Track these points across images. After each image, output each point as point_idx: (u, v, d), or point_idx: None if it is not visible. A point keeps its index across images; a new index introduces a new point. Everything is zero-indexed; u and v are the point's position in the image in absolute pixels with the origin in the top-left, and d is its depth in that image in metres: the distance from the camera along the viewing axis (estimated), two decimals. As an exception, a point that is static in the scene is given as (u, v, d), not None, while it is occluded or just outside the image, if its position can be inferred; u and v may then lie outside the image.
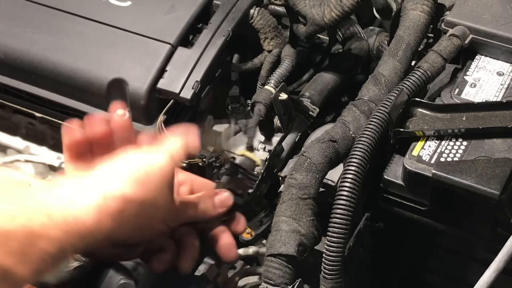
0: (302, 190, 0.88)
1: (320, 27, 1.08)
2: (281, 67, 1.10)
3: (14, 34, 1.08)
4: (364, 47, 1.24)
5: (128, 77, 1.03)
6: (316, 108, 1.14)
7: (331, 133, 0.93)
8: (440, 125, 0.90)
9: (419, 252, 1.03)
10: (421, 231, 0.94)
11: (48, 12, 1.10)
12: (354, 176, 0.85)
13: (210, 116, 1.12)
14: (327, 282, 0.86)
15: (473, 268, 0.95)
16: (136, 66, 1.04)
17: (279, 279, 0.84)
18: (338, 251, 0.84)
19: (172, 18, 1.07)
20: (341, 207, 0.84)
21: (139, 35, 1.06)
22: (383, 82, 0.98)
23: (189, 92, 1.03)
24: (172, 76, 1.04)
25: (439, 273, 1.05)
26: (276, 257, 0.85)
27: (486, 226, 0.88)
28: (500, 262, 0.78)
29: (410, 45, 1.00)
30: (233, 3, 1.10)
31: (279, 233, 0.86)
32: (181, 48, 1.05)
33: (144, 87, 1.02)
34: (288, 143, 1.10)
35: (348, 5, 1.04)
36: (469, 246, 0.95)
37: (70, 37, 1.07)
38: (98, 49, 1.06)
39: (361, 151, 0.86)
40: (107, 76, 1.03)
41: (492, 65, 0.98)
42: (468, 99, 0.94)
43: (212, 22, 1.08)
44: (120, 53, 1.05)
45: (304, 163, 0.89)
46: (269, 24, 1.11)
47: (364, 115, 0.95)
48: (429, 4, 1.02)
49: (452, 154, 0.88)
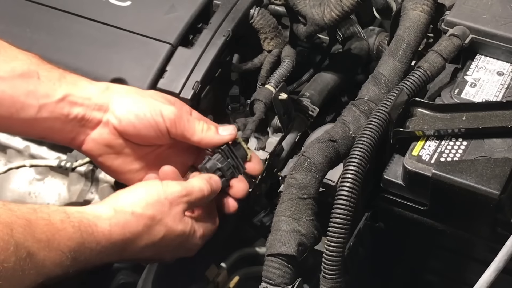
0: (302, 190, 0.88)
1: (320, 27, 1.08)
2: (282, 67, 1.10)
3: (14, 34, 1.08)
4: (364, 47, 1.24)
5: (128, 77, 1.03)
6: (316, 108, 1.14)
7: (331, 133, 0.93)
8: (440, 125, 0.90)
9: (419, 252, 1.03)
10: (421, 231, 0.94)
11: (48, 12, 1.10)
12: (354, 176, 0.85)
13: (210, 116, 1.12)
14: (327, 282, 0.86)
15: (473, 268, 0.95)
16: (136, 66, 1.04)
17: (279, 279, 0.84)
18: (338, 251, 0.84)
19: (172, 18, 1.07)
20: (341, 207, 0.84)
21: (139, 35, 1.06)
22: (383, 82, 0.98)
23: (189, 92, 1.03)
24: (172, 76, 1.04)
25: (439, 273, 1.05)
26: (276, 257, 0.85)
27: (486, 226, 0.88)
28: (500, 262, 0.78)
29: (410, 45, 1.00)
30: (233, 3, 1.10)
31: (279, 233, 0.86)
32: (181, 48, 1.05)
33: (144, 87, 1.02)
34: (288, 143, 1.10)
35: (348, 5, 1.04)
36: (469, 246, 0.95)
37: (70, 37, 1.07)
38: (98, 49, 1.06)
39: (361, 151, 0.86)
40: (107, 76, 1.03)
41: (492, 65, 0.98)
42: (468, 99, 0.94)
43: (212, 22, 1.08)
44: (120, 53, 1.05)
45: (304, 163, 0.89)
46: (269, 24, 1.11)
47: (364, 115, 0.95)
48: (429, 4, 1.02)
49: (452, 154, 0.88)
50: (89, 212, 0.84)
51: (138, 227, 0.86)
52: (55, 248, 0.77)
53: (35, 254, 0.75)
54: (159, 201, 0.88)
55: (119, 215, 0.85)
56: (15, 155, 1.13)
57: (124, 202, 0.87)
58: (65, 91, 0.90)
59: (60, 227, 0.79)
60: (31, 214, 0.77)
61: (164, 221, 0.88)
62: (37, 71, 0.90)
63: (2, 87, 0.87)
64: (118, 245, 0.84)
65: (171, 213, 0.88)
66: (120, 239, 0.84)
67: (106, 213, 0.84)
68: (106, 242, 0.83)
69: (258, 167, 1.00)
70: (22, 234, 0.74)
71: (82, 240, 0.80)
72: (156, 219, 0.87)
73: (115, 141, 0.93)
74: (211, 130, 0.96)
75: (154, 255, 0.91)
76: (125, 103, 0.93)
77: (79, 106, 0.91)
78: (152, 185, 0.90)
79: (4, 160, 1.13)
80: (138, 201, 0.87)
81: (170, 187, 0.90)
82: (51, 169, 1.11)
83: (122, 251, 0.85)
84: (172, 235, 0.89)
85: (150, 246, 0.88)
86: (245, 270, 1.03)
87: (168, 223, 0.88)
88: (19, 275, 0.73)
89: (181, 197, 0.90)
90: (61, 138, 0.93)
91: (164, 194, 0.89)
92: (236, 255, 1.04)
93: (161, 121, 0.92)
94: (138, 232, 0.86)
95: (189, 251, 0.94)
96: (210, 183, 0.93)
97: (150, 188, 0.89)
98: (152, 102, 0.93)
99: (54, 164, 1.09)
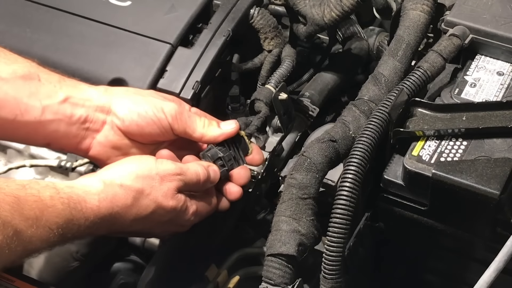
0: (302, 190, 0.88)
1: (320, 27, 1.08)
2: (282, 67, 1.10)
3: (14, 34, 1.08)
4: (364, 47, 1.24)
5: (128, 77, 1.03)
6: (316, 108, 1.14)
7: (331, 133, 0.93)
8: (440, 125, 0.90)
9: (419, 252, 1.03)
10: (421, 231, 0.94)
11: (48, 12, 1.09)
12: (354, 176, 0.85)
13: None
14: (327, 282, 0.86)
15: (473, 268, 0.95)
16: (136, 66, 1.04)
17: (279, 279, 0.84)
18: (338, 251, 0.84)
19: (172, 18, 1.07)
20: (341, 207, 0.84)
21: (139, 35, 1.06)
22: (383, 82, 0.98)
23: (189, 92, 1.03)
24: (172, 76, 1.04)
25: (439, 273, 1.05)
26: (276, 257, 0.85)
27: (486, 226, 0.88)
28: (500, 262, 0.78)
29: (410, 45, 1.00)
30: (233, 3, 1.10)
31: (279, 233, 0.86)
32: (181, 48, 1.05)
33: (144, 87, 1.02)
34: (288, 143, 1.10)
35: (348, 5, 1.04)
36: (469, 246, 0.95)
37: (70, 37, 1.07)
38: (98, 49, 1.06)
39: (361, 151, 0.86)
40: (107, 76, 1.03)
41: (492, 65, 0.98)
42: (468, 99, 0.94)
43: (212, 22, 1.08)
44: (120, 53, 1.05)
45: (304, 163, 0.89)
46: (269, 24, 1.11)
47: (364, 115, 0.95)
48: (429, 4, 1.02)
49: (452, 154, 0.88)
50: (79, 187, 0.83)
51: (127, 200, 0.86)
52: (42, 225, 0.77)
53: (22, 232, 0.75)
54: (149, 176, 0.88)
55: (108, 188, 0.85)
56: (15, 155, 1.13)
57: (114, 175, 0.87)
58: (66, 93, 0.91)
59: (49, 203, 0.78)
60: (20, 191, 0.77)
61: (153, 196, 0.88)
62: (37, 73, 0.91)
63: (5, 88, 0.88)
64: (107, 219, 0.84)
65: (161, 188, 0.88)
66: (108, 213, 0.84)
67: (96, 187, 0.84)
68: (95, 218, 0.82)
69: (259, 157, 1.00)
70: (9, 212, 0.74)
71: (71, 217, 0.80)
72: (144, 192, 0.87)
73: (121, 142, 0.94)
74: (213, 125, 0.96)
75: (143, 229, 0.90)
76: (126, 103, 0.93)
77: (81, 107, 0.91)
78: (145, 159, 0.90)
79: (4, 160, 1.13)
80: (128, 174, 0.87)
81: (164, 164, 0.90)
82: (51, 169, 1.11)
83: (110, 225, 0.85)
84: (162, 211, 0.89)
85: (138, 220, 0.87)
86: (245, 270, 1.03)
87: (158, 198, 0.88)
88: (6, 252, 0.73)
89: (174, 175, 0.89)
90: (66, 143, 0.93)
91: (156, 170, 0.89)
92: (236, 255, 1.04)
93: (164, 117, 0.93)
94: (126, 205, 0.86)
95: (182, 227, 0.94)
96: (208, 170, 0.93)
97: (142, 162, 0.89)
98: (152, 100, 0.94)
99: (54, 164, 1.09)
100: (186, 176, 0.90)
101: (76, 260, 1.03)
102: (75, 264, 1.03)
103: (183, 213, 0.91)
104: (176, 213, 0.90)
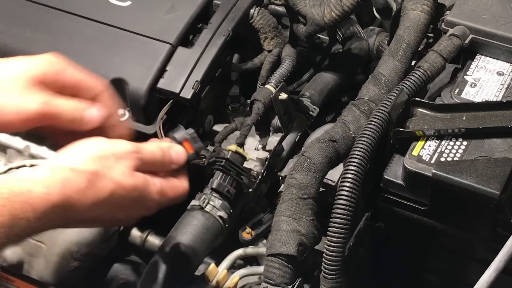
0: (302, 190, 0.88)
1: (320, 27, 1.08)
2: (282, 67, 1.10)
3: (14, 34, 1.08)
4: (364, 47, 1.24)
5: (128, 77, 1.03)
6: (316, 108, 1.14)
7: (331, 133, 0.93)
8: (440, 125, 0.90)
9: (419, 252, 1.03)
10: (421, 231, 0.94)
11: (48, 12, 1.09)
12: (354, 176, 0.85)
13: (210, 116, 1.12)
14: (327, 282, 0.86)
15: (473, 268, 0.95)
16: (136, 66, 1.04)
17: (279, 279, 0.84)
18: (338, 251, 0.84)
19: (172, 18, 1.07)
20: (341, 207, 0.84)
21: (139, 35, 1.06)
22: (383, 82, 0.98)
23: (189, 92, 1.03)
24: (172, 76, 1.03)
25: (439, 273, 1.05)
26: (276, 257, 0.85)
27: (486, 226, 0.88)
28: (500, 262, 0.78)
29: (410, 45, 1.00)
30: (233, 3, 1.10)
31: (279, 233, 0.86)
32: (181, 48, 1.05)
33: (144, 87, 1.02)
34: (288, 143, 1.10)
35: (348, 5, 1.04)
36: (469, 246, 0.95)
37: (70, 37, 1.07)
38: (98, 49, 1.06)
39: (361, 151, 0.86)
40: (107, 76, 1.03)
41: (492, 65, 0.98)
42: (468, 99, 0.94)
43: (212, 22, 1.08)
44: (120, 53, 1.05)
45: (304, 163, 0.90)
46: (269, 24, 1.11)
47: (364, 115, 0.95)
48: (429, 4, 1.02)
49: (452, 154, 0.88)
50: (21, 178, 0.76)
51: (80, 184, 0.78)
52: None
53: None
54: (104, 156, 0.81)
55: (56, 173, 0.77)
56: (15, 155, 1.13)
57: (63, 159, 0.79)
58: None
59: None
60: None
61: (110, 176, 0.80)
62: None
63: None
64: (60, 207, 0.76)
65: (118, 168, 0.81)
66: (60, 199, 0.76)
67: (42, 174, 0.76)
68: (45, 207, 0.74)
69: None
70: None
71: (15, 212, 0.72)
72: (100, 173, 0.79)
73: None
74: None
75: (105, 214, 0.82)
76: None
77: None
78: (97, 140, 0.83)
79: (4, 160, 1.13)
80: (79, 156, 0.80)
81: (118, 144, 0.83)
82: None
83: (66, 213, 0.77)
84: (122, 191, 0.81)
85: (98, 204, 0.79)
86: (245, 270, 1.03)
87: (116, 177, 0.81)
88: None
89: (130, 153, 0.83)
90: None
91: (110, 150, 0.82)
92: (236, 255, 1.04)
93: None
94: (80, 189, 0.78)
95: (147, 210, 0.87)
96: (167, 150, 0.87)
97: (95, 143, 0.82)
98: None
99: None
100: (142, 154, 0.84)
101: (76, 260, 1.03)
102: (75, 264, 1.03)
103: (146, 193, 0.84)
104: (138, 192, 0.83)
